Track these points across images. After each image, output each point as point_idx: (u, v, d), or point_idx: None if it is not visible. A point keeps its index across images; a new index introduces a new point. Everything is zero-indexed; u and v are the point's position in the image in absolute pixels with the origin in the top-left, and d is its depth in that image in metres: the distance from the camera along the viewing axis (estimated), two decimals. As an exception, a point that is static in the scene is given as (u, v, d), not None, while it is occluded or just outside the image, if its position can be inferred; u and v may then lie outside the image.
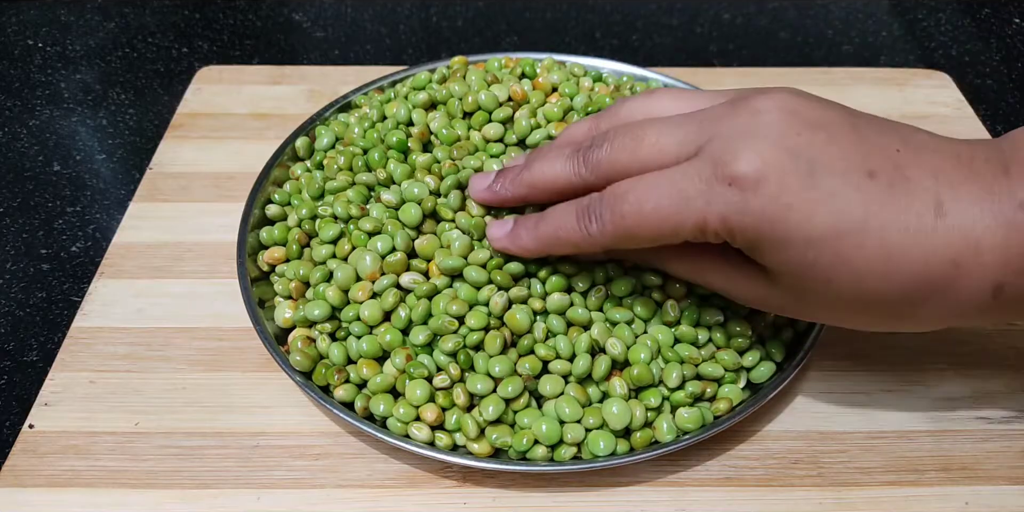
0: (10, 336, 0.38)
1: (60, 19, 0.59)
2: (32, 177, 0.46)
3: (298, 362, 0.32)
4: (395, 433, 0.31)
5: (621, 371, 0.32)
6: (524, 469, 0.30)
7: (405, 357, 0.31)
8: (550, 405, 0.31)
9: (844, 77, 0.52)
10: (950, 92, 0.51)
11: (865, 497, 0.31)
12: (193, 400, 0.34)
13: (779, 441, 0.33)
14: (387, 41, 0.57)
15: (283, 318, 0.34)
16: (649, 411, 0.31)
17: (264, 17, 0.60)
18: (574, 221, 0.29)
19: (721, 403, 0.31)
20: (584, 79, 0.43)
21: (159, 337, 0.37)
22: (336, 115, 0.43)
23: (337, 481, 0.32)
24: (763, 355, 0.33)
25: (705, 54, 0.56)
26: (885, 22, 0.60)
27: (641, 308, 0.33)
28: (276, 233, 0.37)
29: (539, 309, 0.32)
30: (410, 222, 0.34)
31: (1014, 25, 0.59)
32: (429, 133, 0.38)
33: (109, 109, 0.51)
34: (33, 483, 0.31)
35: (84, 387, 0.35)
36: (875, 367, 0.36)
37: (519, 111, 0.39)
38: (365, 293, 0.32)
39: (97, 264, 0.40)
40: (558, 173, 0.30)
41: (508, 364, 0.31)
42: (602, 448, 0.30)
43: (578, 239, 0.29)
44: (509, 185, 0.32)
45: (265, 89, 0.51)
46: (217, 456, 0.32)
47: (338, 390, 0.32)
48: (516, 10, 0.60)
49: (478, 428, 0.30)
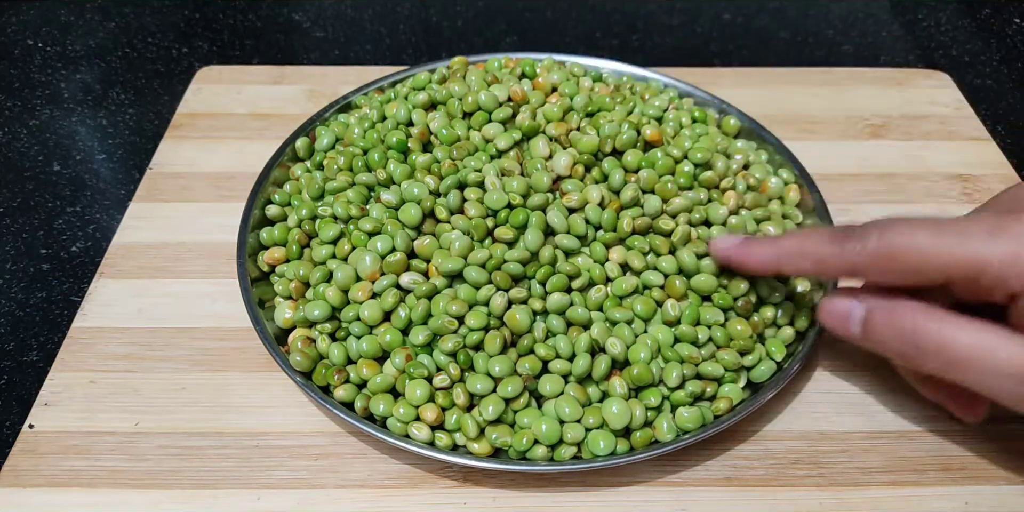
0: (10, 336, 0.38)
1: (60, 19, 0.59)
2: (32, 177, 0.46)
3: (298, 362, 0.32)
4: (395, 433, 0.31)
5: (621, 371, 0.32)
6: (524, 469, 0.30)
7: (405, 357, 0.31)
8: (550, 405, 0.31)
9: (844, 77, 0.52)
10: (950, 92, 0.51)
11: (865, 497, 0.31)
12: (193, 400, 0.34)
13: (779, 441, 0.33)
14: (387, 41, 0.57)
15: (283, 318, 0.34)
16: (649, 411, 0.31)
17: (264, 17, 0.60)
18: (827, 237, 0.29)
19: (721, 402, 0.31)
20: (584, 79, 0.43)
21: (159, 337, 0.37)
22: (336, 115, 0.43)
23: (337, 481, 0.32)
24: (763, 355, 0.33)
25: (705, 54, 0.56)
26: (885, 22, 0.60)
27: (641, 307, 0.33)
28: (276, 233, 0.37)
29: (539, 309, 0.32)
30: (410, 222, 0.34)
31: (1014, 25, 0.59)
32: (429, 133, 0.38)
33: (109, 109, 0.51)
34: (33, 483, 0.31)
35: (84, 387, 0.35)
36: (875, 367, 0.36)
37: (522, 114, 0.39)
38: (365, 293, 0.33)
39: (97, 264, 0.40)
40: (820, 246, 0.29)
41: (508, 364, 0.31)
42: (602, 448, 0.30)
43: (827, 253, 0.29)
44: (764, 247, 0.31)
45: (265, 89, 0.51)
46: (217, 456, 0.32)
47: (338, 390, 0.32)
48: (516, 10, 0.60)
49: (478, 428, 0.30)
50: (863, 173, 0.46)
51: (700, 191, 0.36)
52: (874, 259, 0.27)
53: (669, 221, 0.34)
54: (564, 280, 0.32)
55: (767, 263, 0.31)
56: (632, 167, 0.36)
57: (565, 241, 0.33)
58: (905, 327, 0.28)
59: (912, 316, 0.28)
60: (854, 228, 0.28)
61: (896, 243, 0.27)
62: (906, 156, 0.47)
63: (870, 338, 0.29)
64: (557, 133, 0.37)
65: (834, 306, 0.30)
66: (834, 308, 0.30)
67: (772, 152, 0.41)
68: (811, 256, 0.29)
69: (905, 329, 0.28)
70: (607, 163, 0.36)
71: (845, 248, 0.28)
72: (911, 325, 0.27)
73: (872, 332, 0.29)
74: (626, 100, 0.41)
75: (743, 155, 0.40)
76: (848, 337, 0.30)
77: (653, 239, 0.34)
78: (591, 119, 0.38)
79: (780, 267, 0.31)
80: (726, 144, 0.40)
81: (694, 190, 0.36)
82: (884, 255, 0.27)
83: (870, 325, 0.29)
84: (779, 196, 0.39)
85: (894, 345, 0.28)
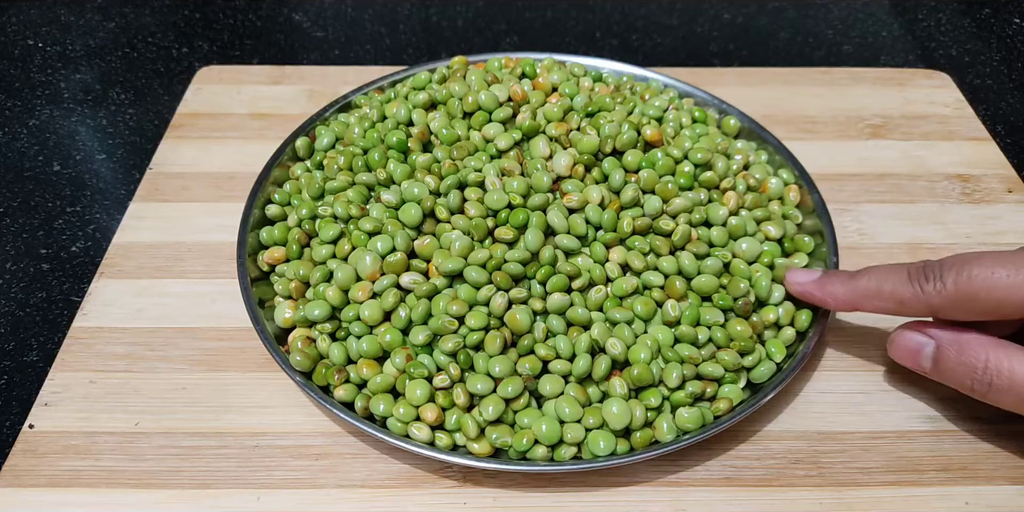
0: (10, 336, 0.38)
1: (60, 19, 0.59)
2: (32, 177, 0.46)
3: (298, 362, 0.32)
4: (395, 433, 0.31)
5: (621, 371, 0.32)
6: (524, 469, 0.30)
7: (405, 357, 0.31)
8: (550, 405, 0.31)
9: (844, 77, 0.52)
10: (950, 92, 0.51)
11: (865, 497, 0.31)
12: (193, 400, 0.34)
13: (779, 441, 0.33)
14: (387, 41, 0.57)
15: (283, 318, 0.34)
16: (649, 411, 0.31)
17: (264, 17, 0.60)
18: (905, 277, 0.29)
19: (721, 403, 0.31)
20: (584, 79, 0.43)
21: (159, 337, 0.37)
22: (336, 115, 0.43)
23: (337, 481, 0.32)
24: (763, 355, 0.33)
25: (705, 54, 0.56)
26: (885, 22, 0.60)
27: (641, 308, 0.33)
28: (276, 233, 0.37)
29: (539, 309, 0.32)
30: (410, 222, 0.34)
31: (1014, 25, 0.59)
32: (429, 133, 0.38)
33: (109, 109, 0.51)
34: (33, 483, 0.31)
35: (84, 387, 0.35)
36: (875, 367, 0.36)
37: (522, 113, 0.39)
38: (365, 293, 0.33)
39: (97, 264, 0.40)
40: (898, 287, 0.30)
41: (508, 364, 0.31)
42: (602, 448, 0.30)
43: (907, 295, 0.29)
44: (842, 287, 0.31)
45: (265, 89, 0.51)
46: (217, 456, 0.32)
47: (338, 390, 0.32)
48: (516, 10, 0.60)
49: (478, 428, 0.30)
50: (863, 173, 0.46)
51: (700, 191, 0.36)
52: (954, 300, 0.28)
53: (669, 221, 0.34)
54: (564, 280, 0.32)
55: (845, 304, 0.32)
56: (632, 167, 0.36)
57: (565, 241, 0.33)
58: (978, 364, 0.28)
59: (984, 352, 0.28)
60: (931, 266, 0.29)
61: (976, 282, 0.27)
62: (906, 156, 0.47)
63: (941, 374, 0.30)
64: (557, 133, 0.37)
65: (905, 341, 0.31)
66: (905, 343, 0.31)
67: (772, 152, 0.41)
68: (889, 298, 0.30)
69: (977, 366, 0.28)
70: (607, 163, 0.36)
71: (925, 289, 0.28)
72: (983, 362, 0.28)
73: (944, 368, 0.29)
74: (626, 100, 0.41)
75: (743, 155, 0.40)
76: (918, 371, 0.31)
77: (653, 239, 0.34)
78: (591, 119, 0.38)
79: (859, 307, 0.31)
80: (726, 144, 0.40)
81: (694, 190, 0.36)
82: (965, 295, 0.27)
83: (941, 361, 0.29)
84: (779, 196, 0.39)
85: (966, 381, 0.29)
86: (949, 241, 0.42)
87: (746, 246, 0.35)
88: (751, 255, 0.35)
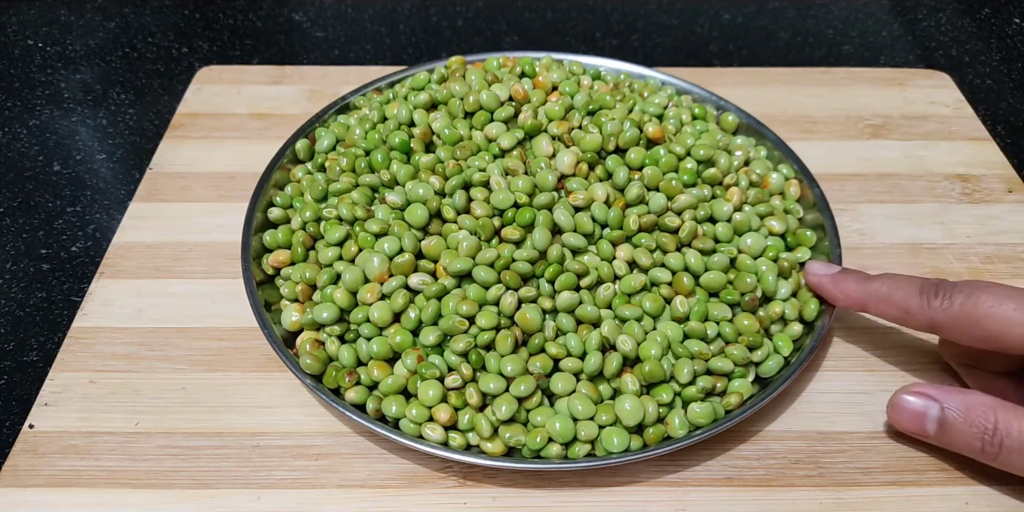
0: (10, 336, 0.38)
1: (60, 19, 0.59)
2: (32, 177, 0.46)
3: (308, 365, 0.32)
4: (408, 434, 0.31)
5: (632, 368, 0.32)
6: (525, 467, 0.30)
7: (416, 358, 0.31)
8: (563, 403, 0.31)
9: (844, 77, 0.52)
10: (950, 92, 0.51)
11: (865, 497, 0.31)
12: (193, 400, 0.34)
13: (779, 441, 0.33)
14: (387, 41, 0.57)
15: (291, 321, 0.34)
16: (661, 407, 0.31)
17: (264, 17, 0.60)
18: (917, 289, 0.30)
19: (732, 397, 0.31)
20: (583, 77, 0.43)
21: (159, 337, 0.37)
22: (335, 117, 0.43)
23: (337, 481, 0.32)
24: (771, 349, 0.33)
25: (705, 54, 0.56)
26: (885, 22, 0.60)
27: (650, 304, 0.33)
28: (280, 236, 0.37)
29: (549, 308, 0.32)
30: (416, 223, 0.34)
31: (1014, 25, 0.59)
32: (431, 133, 0.38)
33: (109, 109, 0.51)
34: (33, 483, 0.31)
35: (84, 387, 0.35)
36: (875, 367, 0.36)
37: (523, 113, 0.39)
38: (374, 295, 0.32)
39: (97, 264, 0.40)
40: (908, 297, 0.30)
41: (520, 363, 0.31)
42: (616, 445, 0.30)
43: (912, 306, 0.29)
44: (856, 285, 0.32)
45: (265, 89, 0.51)
46: (217, 456, 0.32)
47: (349, 392, 0.32)
48: (516, 10, 0.60)
49: (492, 427, 0.30)
50: (863, 173, 0.46)
51: (704, 188, 0.36)
52: (956, 320, 0.28)
53: (675, 218, 0.34)
54: (573, 278, 0.32)
55: (855, 303, 0.32)
56: (635, 165, 0.36)
57: (572, 239, 0.33)
58: (988, 426, 0.28)
59: (992, 414, 0.28)
60: (944, 285, 0.29)
61: (982, 308, 0.27)
62: (906, 156, 0.47)
63: (949, 437, 0.29)
64: (559, 132, 0.37)
65: (907, 404, 0.30)
66: (907, 406, 0.30)
67: (771, 148, 0.41)
68: (898, 305, 0.30)
69: (987, 428, 0.28)
70: (611, 161, 0.36)
71: (932, 304, 0.29)
72: (992, 423, 0.27)
73: (951, 432, 0.29)
74: (626, 98, 0.41)
75: (743, 151, 0.40)
76: (922, 438, 0.30)
77: (659, 236, 0.34)
78: (592, 117, 0.38)
79: (866, 308, 0.32)
80: (726, 140, 0.40)
81: (698, 187, 0.36)
82: (968, 318, 0.28)
83: (948, 425, 0.29)
84: (780, 192, 0.39)
85: (975, 444, 0.28)
86: (949, 241, 0.42)
87: (751, 241, 0.35)
88: (756, 250, 0.35)
